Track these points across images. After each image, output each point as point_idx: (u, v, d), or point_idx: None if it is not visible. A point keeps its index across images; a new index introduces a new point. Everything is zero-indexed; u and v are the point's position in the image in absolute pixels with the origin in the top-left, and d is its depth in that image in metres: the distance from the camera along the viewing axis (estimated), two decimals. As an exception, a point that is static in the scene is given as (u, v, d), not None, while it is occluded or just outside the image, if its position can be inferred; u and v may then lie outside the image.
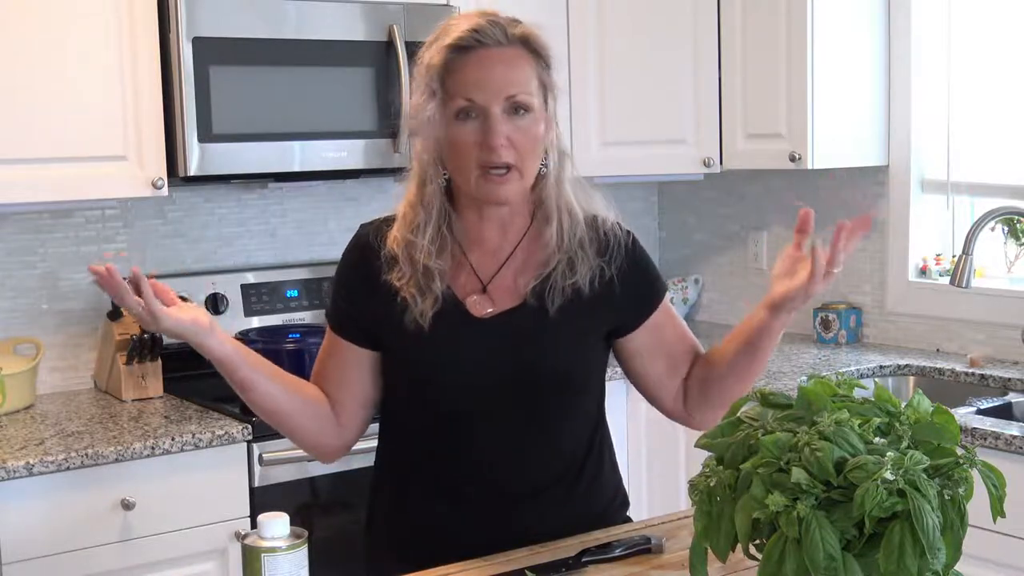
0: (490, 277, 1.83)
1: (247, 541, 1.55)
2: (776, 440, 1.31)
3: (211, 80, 2.87)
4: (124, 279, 1.65)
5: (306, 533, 1.56)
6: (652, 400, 1.97)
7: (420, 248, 1.77)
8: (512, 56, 1.75)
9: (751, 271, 3.91)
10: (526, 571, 1.69)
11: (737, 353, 1.83)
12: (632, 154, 3.56)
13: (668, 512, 2.05)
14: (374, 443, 2.94)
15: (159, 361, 3.03)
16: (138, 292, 1.64)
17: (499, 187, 1.74)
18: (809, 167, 3.31)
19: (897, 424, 1.32)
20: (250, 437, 2.73)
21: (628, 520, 1.98)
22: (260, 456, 2.74)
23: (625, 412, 3.36)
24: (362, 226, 1.88)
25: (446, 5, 3.22)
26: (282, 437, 2.75)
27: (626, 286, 1.85)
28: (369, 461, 2.93)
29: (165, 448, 2.61)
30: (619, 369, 2.15)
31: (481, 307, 1.81)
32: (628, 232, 1.90)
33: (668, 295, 1.95)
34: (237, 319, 3.29)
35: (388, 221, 1.84)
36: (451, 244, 1.81)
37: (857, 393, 1.40)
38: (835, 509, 1.25)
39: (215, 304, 3.26)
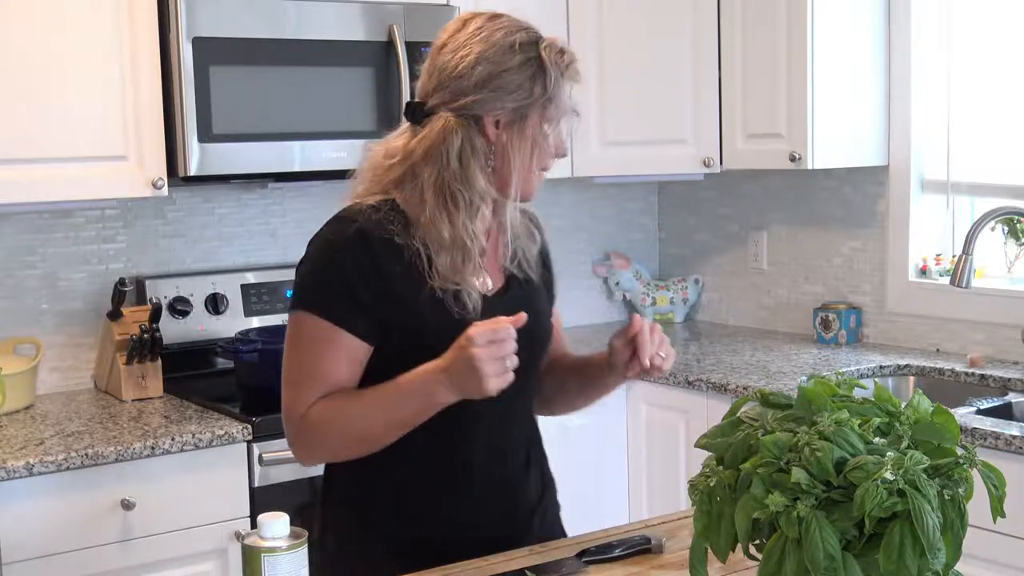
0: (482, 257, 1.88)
1: (247, 541, 1.55)
2: (776, 440, 1.31)
3: (211, 80, 2.87)
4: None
5: (306, 533, 1.57)
6: None
7: (481, 229, 1.81)
8: None
9: (751, 271, 3.92)
10: (526, 571, 1.69)
11: (572, 385, 2.02)
12: (632, 154, 3.56)
13: (668, 512, 2.05)
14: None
15: (159, 361, 3.03)
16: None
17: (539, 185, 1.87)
18: (809, 167, 3.31)
19: (897, 424, 1.32)
20: (250, 437, 2.73)
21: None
22: (260, 456, 2.74)
23: (625, 412, 3.37)
24: (348, 220, 1.79)
25: (446, 5, 3.22)
26: (282, 437, 2.76)
27: (547, 266, 2.02)
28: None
29: (165, 448, 2.61)
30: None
31: (483, 286, 1.86)
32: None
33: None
34: (237, 319, 3.29)
35: (377, 210, 1.79)
36: None
37: (857, 393, 1.40)
38: (835, 509, 1.25)
39: (215, 304, 3.26)
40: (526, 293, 1.91)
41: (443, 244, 1.77)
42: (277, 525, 1.54)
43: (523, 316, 1.69)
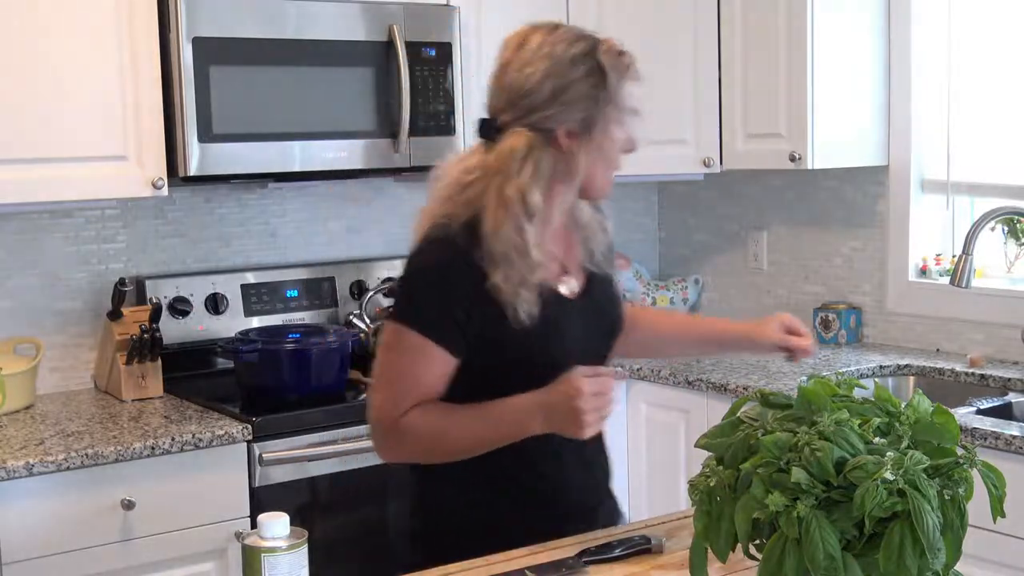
0: (563, 258, 1.97)
1: (247, 541, 1.55)
2: (776, 440, 1.31)
3: (211, 80, 2.87)
4: None
5: (306, 533, 1.57)
6: None
7: (533, 241, 1.83)
8: None
9: (751, 271, 3.91)
10: (526, 571, 1.69)
11: (685, 347, 2.38)
12: (632, 154, 3.55)
13: (668, 512, 2.05)
14: (369, 442, 2.94)
15: (159, 361, 3.03)
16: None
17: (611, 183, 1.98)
18: (809, 167, 3.31)
19: (897, 424, 1.32)
20: (250, 437, 2.73)
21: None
22: (260, 456, 2.74)
23: (625, 412, 3.37)
24: (445, 244, 1.85)
25: (446, 5, 3.22)
26: (282, 437, 2.77)
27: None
28: (366, 462, 2.94)
29: (165, 448, 2.61)
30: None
31: (569, 288, 1.96)
32: None
33: None
34: (237, 319, 3.29)
35: (468, 226, 1.85)
36: None
37: (857, 393, 1.40)
38: (835, 509, 1.25)
39: (215, 304, 3.26)
40: (605, 290, 2.03)
41: (497, 256, 1.83)
42: (277, 525, 1.54)
43: (623, 373, 1.88)
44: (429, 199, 1.94)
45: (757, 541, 1.32)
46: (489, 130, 1.89)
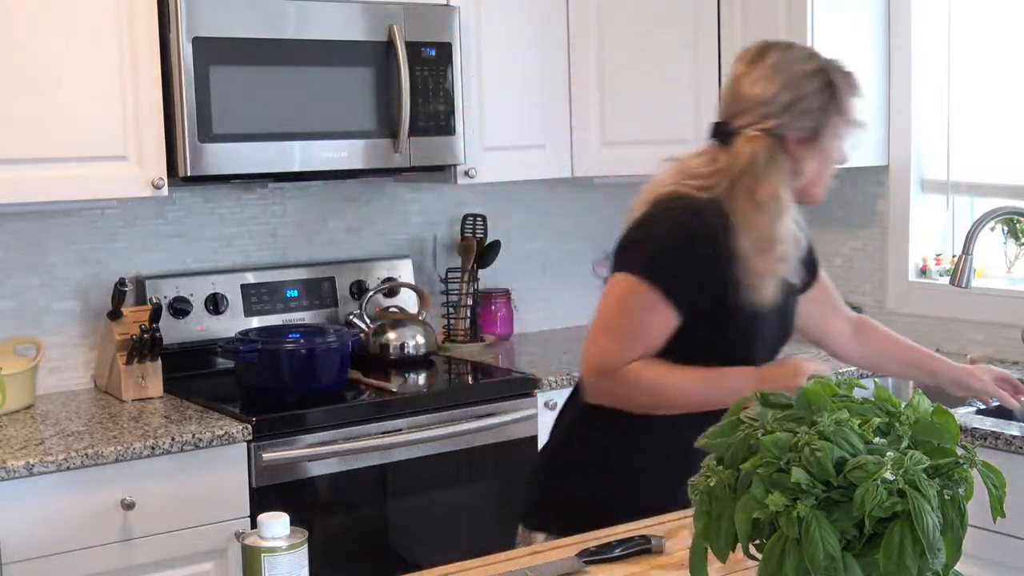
0: None
1: (247, 541, 1.55)
2: (776, 440, 1.31)
3: (211, 80, 2.87)
4: None
5: (306, 533, 1.57)
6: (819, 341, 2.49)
7: (782, 236, 2.03)
8: None
9: (751, 271, 3.91)
10: (526, 571, 1.69)
11: (904, 368, 2.54)
12: (632, 154, 3.55)
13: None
14: (369, 442, 2.95)
15: (159, 361, 3.02)
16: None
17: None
18: (809, 167, 3.30)
19: (897, 424, 1.32)
20: (250, 437, 2.72)
21: None
22: (260, 456, 2.74)
23: (625, 412, 3.36)
24: (700, 212, 2.04)
25: (446, 5, 3.22)
26: (282, 437, 2.77)
27: (811, 251, 2.29)
28: (366, 462, 2.94)
29: (165, 448, 2.61)
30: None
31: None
32: None
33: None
34: (237, 319, 3.29)
35: (715, 205, 2.03)
36: None
37: (857, 393, 1.40)
38: (835, 509, 1.25)
39: (215, 304, 3.26)
40: (788, 299, 2.18)
41: (750, 247, 2.00)
42: (277, 525, 1.54)
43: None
44: (653, 184, 2.15)
45: (757, 541, 1.32)
46: (722, 133, 2.10)
